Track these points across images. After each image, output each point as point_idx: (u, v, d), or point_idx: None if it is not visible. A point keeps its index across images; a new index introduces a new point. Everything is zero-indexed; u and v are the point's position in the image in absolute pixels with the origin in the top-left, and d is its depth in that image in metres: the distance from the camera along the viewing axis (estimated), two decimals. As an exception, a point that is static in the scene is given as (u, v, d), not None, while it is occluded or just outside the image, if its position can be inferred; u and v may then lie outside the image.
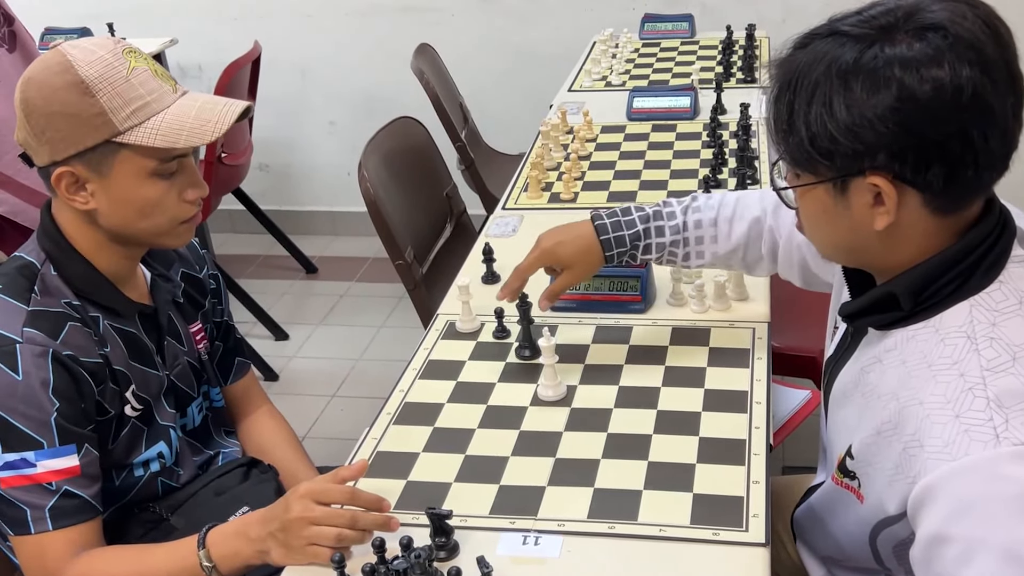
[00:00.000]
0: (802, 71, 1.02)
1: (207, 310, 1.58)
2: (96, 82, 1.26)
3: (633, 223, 1.48)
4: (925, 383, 1.01)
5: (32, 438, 1.26)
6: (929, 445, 0.97)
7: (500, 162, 3.20)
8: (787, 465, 2.46)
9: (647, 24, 3.24)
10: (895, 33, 0.98)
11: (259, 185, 3.96)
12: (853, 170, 1.01)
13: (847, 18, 1.03)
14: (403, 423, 1.42)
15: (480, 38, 3.72)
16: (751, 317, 1.61)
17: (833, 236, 1.10)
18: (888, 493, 1.04)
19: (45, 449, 1.27)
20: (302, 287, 3.80)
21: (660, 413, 1.38)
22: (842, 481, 1.15)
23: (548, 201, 2.11)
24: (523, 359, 1.54)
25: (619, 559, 1.14)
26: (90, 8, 3.80)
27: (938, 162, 0.97)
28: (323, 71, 3.91)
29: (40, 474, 1.27)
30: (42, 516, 1.27)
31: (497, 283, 1.78)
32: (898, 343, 1.07)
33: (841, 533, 1.20)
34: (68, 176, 1.29)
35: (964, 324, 1.01)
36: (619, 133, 2.44)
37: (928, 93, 0.95)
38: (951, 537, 0.93)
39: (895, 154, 0.98)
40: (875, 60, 0.97)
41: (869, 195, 1.01)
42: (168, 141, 1.28)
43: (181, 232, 1.39)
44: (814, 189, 1.06)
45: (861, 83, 0.97)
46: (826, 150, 1.01)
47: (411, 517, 1.22)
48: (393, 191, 2.25)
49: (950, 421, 0.96)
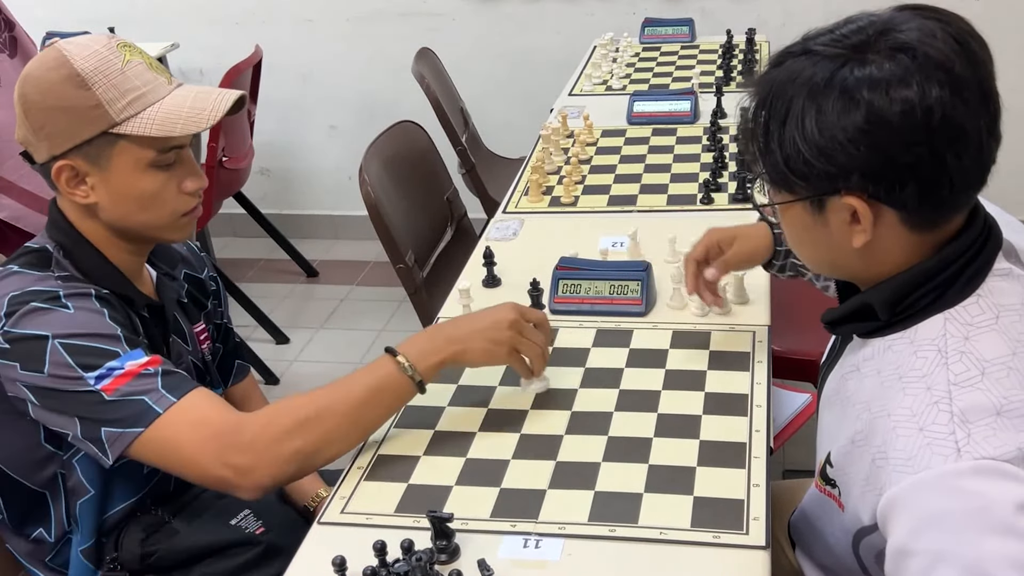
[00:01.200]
0: (775, 90, 1.01)
1: (209, 311, 1.58)
2: (91, 74, 1.27)
3: None
4: (895, 395, 1.01)
5: (107, 350, 1.27)
6: (893, 457, 0.97)
7: (501, 166, 3.20)
8: (787, 468, 2.46)
9: (647, 28, 3.24)
10: (866, 53, 0.97)
11: (260, 189, 3.97)
12: (828, 190, 1.01)
13: (820, 36, 1.02)
14: (404, 426, 1.42)
15: (481, 42, 3.73)
16: (751, 320, 1.61)
17: (814, 252, 1.11)
18: (861, 503, 1.04)
19: (122, 356, 1.27)
20: (303, 291, 3.80)
21: (661, 416, 1.38)
22: (824, 488, 1.15)
23: (548, 205, 2.12)
24: None
25: (620, 562, 1.14)
26: (91, 12, 3.81)
27: (912, 182, 0.97)
28: (324, 75, 3.92)
29: (132, 369, 1.26)
30: (160, 395, 1.25)
31: (497, 286, 1.79)
32: (876, 352, 1.07)
33: (830, 540, 1.20)
34: (68, 170, 1.30)
35: (937, 337, 1.01)
36: (619, 137, 2.44)
37: (897, 115, 0.94)
38: (914, 550, 0.92)
39: (868, 175, 0.97)
40: (845, 81, 0.96)
41: (846, 213, 1.01)
42: (164, 130, 1.29)
43: (182, 225, 1.40)
44: (793, 207, 1.06)
45: (832, 104, 0.97)
46: (800, 171, 1.01)
47: (412, 520, 1.23)
48: (394, 195, 2.25)
49: (914, 434, 0.96)
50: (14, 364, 1.27)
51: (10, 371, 1.28)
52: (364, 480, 1.31)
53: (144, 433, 1.24)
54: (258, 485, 1.25)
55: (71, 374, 1.25)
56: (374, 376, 1.31)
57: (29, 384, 1.27)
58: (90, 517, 1.39)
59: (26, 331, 1.26)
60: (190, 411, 1.25)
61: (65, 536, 1.41)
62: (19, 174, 2.27)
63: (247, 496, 1.27)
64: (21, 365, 1.26)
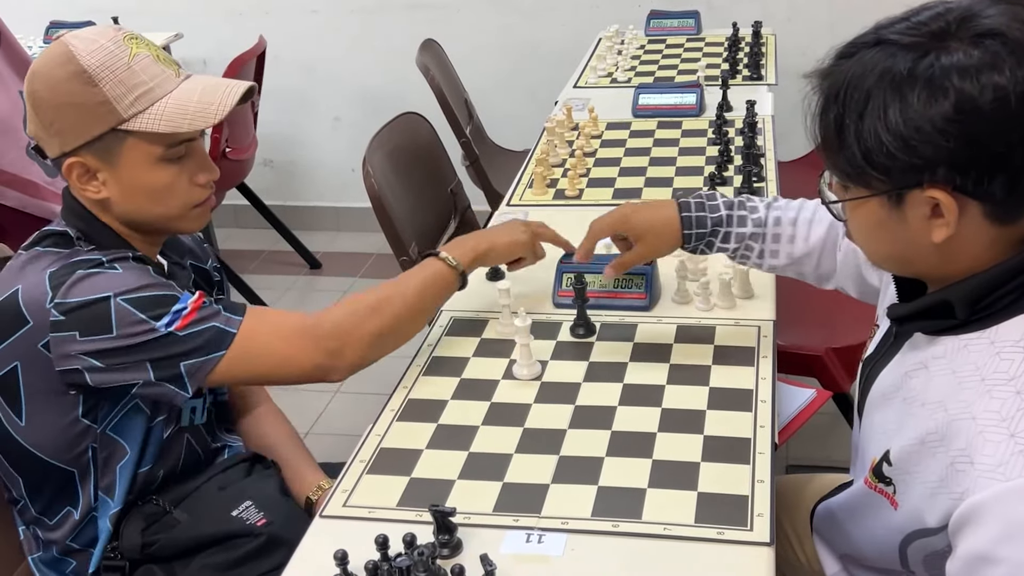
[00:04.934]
0: (851, 82, 0.98)
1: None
2: (98, 71, 1.27)
3: (717, 208, 1.44)
4: (979, 397, 0.97)
5: (169, 296, 1.33)
6: (980, 463, 0.93)
7: (504, 158, 3.19)
8: (791, 464, 2.46)
9: (653, 20, 3.23)
10: (948, 40, 0.94)
11: (263, 180, 3.96)
12: (910, 183, 0.97)
13: (894, 25, 0.99)
14: (407, 420, 1.41)
15: (485, 34, 3.72)
16: (756, 315, 1.60)
17: (886, 247, 1.07)
18: (928, 504, 1.01)
19: (181, 298, 1.33)
20: (306, 283, 3.80)
21: (665, 411, 1.38)
22: (876, 485, 1.12)
23: (553, 198, 2.11)
24: (577, 337, 1.56)
25: (623, 557, 1.14)
26: (95, 2, 3.80)
27: (1001, 172, 0.93)
28: (328, 67, 3.91)
29: (193, 306, 1.32)
30: (227, 318, 1.34)
31: (501, 279, 1.78)
32: (948, 351, 1.03)
33: (866, 536, 1.18)
34: (79, 167, 1.31)
35: (1021, 338, 0.97)
36: (624, 130, 2.43)
37: (990, 102, 0.91)
38: (998, 558, 0.90)
39: (956, 166, 0.94)
40: (931, 70, 0.93)
41: (927, 207, 0.98)
42: (172, 126, 1.29)
43: (195, 216, 1.40)
44: (867, 202, 1.02)
45: (917, 94, 0.93)
46: (881, 165, 0.97)
47: (414, 514, 1.22)
48: (397, 187, 2.24)
49: (1004, 440, 0.92)
50: (72, 334, 1.28)
51: (66, 344, 1.29)
52: (366, 473, 1.31)
53: (227, 354, 1.33)
54: (351, 364, 1.40)
55: (142, 327, 1.29)
56: (426, 272, 1.49)
57: (92, 350, 1.29)
58: (126, 479, 1.42)
59: (83, 298, 1.28)
60: (262, 322, 1.37)
61: (90, 513, 1.43)
62: (21, 166, 2.27)
63: (340, 377, 1.40)
64: (81, 332, 1.28)
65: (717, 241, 1.45)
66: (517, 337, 1.47)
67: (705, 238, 1.44)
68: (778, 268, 1.47)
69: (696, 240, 1.45)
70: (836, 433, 2.25)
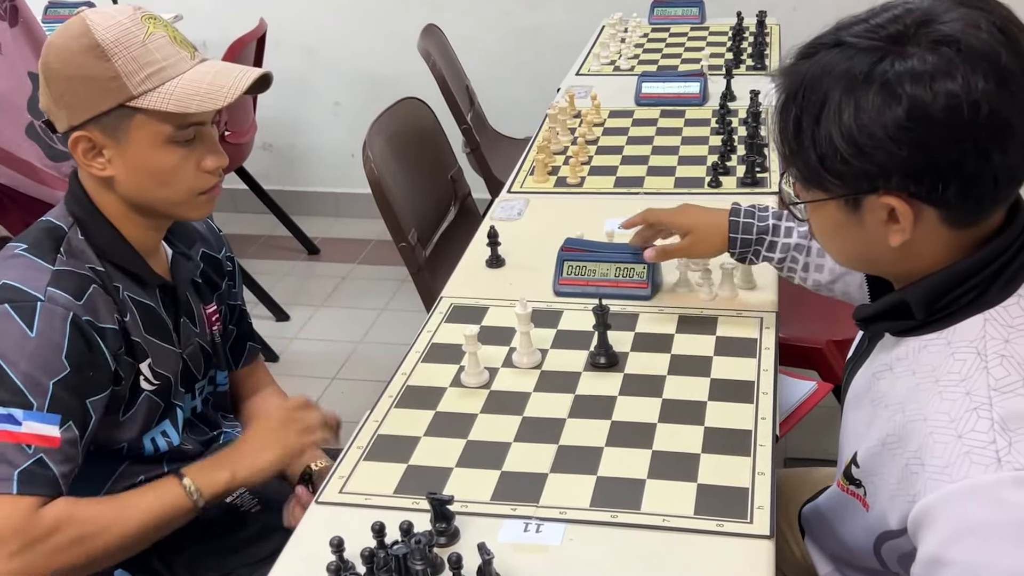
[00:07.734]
0: (808, 83, 0.97)
1: (223, 292, 1.57)
2: (112, 45, 1.26)
3: (766, 217, 1.49)
4: (931, 398, 0.97)
5: (24, 396, 1.22)
6: (930, 464, 0.94)
7: (505, 145, 3.18)
8: (789, 456, 2.45)
9: (657, 8, 3.21)
10: (906, 45, 0.93)
11: (262, 165, 3.94)
12: (865, 189, 0.97)
13: (853, 27, 0.98)
14: (405, 406, 1.40)
15: (488, 20, 3.70)
16: (759, 306, 1.59)
17: (849, 248, 1.07)
18: (890, 507, 1.01)
19: (33, 411, 1.22)
20: (304, 268, 3.78)
21: (665, 402, 1.37)
22: (847, 488, 1.12)
23: (554, 185, 2.09)
24: (597, 367, 1.45)
25: (621, 548, 1.13)
26: (95, -17, 3.77)
27: (955, 180, 0.93)
28: (329, 51, 3.89)
29: (23, 434, 1.22)
30: (10, 477, 1.21)
31: (501, 267, 1.77)
32: (910, 352, 1.04)
33: (848, 537, 1.18)
34: (85, 141, 1.29)
35: (976, 339, 0.97)
36: (627, 118, 2.42)
37: (942, 109, 0.90)
38: (950, 561, 0.90)
39: (909, 174, 0.94)
40: (885, 75, 0.92)
41: (883, 212, 0.98)
42: (180, 106, 1.27)
43: (200, 203, 1.38)
44: (825, 205, 1.02)
45: (871, 99, 0.93)
46: (836, 170, 0.97)
47: (411, 502, 1.21)
48: (397, 173, 2.23)
49: (952, 441, 0.93)
50: None
51: None
52: (363, 460, 1.30)
53: None
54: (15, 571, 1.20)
55: None
56: (160, 500, 1.30)
57: None
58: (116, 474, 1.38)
59: None
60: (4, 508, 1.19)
61: None
62: (17, 144, 2.25)
63: None
64: None
65: (763, 250, 1.49)
66: (518, 325, 1.46)
67: (752, 246, 1.49)
68: (823, 285, 1.48)
69: (742, 247, 1.49)
70: (834, 427, 2.24)
